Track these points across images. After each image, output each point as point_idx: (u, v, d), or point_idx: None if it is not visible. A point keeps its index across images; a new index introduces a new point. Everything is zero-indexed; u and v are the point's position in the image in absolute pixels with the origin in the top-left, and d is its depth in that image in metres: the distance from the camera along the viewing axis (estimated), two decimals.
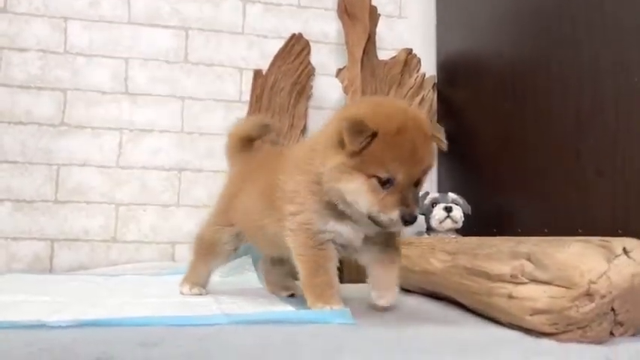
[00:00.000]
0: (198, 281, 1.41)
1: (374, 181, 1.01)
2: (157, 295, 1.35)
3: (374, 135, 1.00)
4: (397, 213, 1.00)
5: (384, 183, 1.00)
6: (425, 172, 1.05)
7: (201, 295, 1.37)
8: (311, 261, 1.10)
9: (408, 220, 1.00)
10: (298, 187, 1.12)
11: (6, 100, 2.02)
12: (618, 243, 0.93)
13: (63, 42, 2.08)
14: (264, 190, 1.23)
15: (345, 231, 1.10)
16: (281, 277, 1.45)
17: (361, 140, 0.99)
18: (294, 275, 1.25)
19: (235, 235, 1.38)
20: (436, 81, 2.28)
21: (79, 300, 1.24)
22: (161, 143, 2.12)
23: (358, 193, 1.02)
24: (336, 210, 1.07)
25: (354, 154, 1.01)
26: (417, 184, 1.05)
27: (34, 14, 2.06)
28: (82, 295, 1.34)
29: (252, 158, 1.44)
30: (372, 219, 1.03)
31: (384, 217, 1.01)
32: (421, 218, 1.87)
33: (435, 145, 1.08)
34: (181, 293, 1.38)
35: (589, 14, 1.36)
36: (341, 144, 1.02)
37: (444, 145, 1.08)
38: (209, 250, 1.40)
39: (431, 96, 2.24)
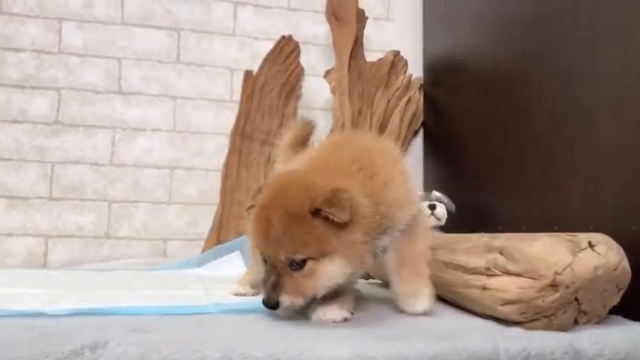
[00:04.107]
0: (249, 280, 1.28)
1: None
2: (148, 287, 1.39)
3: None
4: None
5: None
6: (289, 255, 0.91)
7: (246, 295, 1.25)
8: None
9: (264, 303, 0.94)
10: None
11: (1, 99, 2.06)
12: (584, 237, 0.99)
13: (57, 42, 2.12)
14: None
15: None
16: None
17: (253, 203, 0.97)
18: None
19: None
20: (422, 82, 2.33)
21: (74, 292, 1.28)
22: (153, 142, 2.17)
23: None
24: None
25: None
26: (296, 265, 0.92)
27: (29, 15, 2.10)
28: (77, 287, 1.38)
29: (316, 146, 1.34)
30: None
31: None
32: None
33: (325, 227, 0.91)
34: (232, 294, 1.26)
35: (565, 21, 1.42)
36: None
37: (338, 220, 0.90)
38: None
39: (417, 97, 2.30)
